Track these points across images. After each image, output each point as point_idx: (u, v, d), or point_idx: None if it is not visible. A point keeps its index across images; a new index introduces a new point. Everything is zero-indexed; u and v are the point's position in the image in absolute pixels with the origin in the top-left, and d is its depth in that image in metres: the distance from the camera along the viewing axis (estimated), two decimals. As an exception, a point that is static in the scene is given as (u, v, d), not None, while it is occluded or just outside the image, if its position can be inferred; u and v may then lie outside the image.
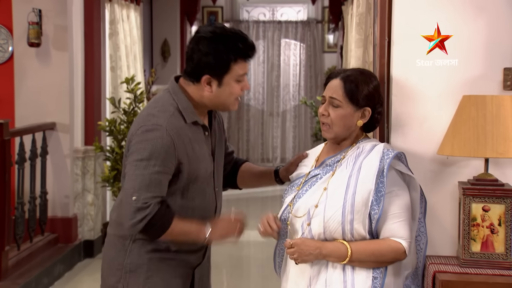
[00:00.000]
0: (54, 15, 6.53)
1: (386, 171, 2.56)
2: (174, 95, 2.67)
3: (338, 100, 2.65)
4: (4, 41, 6.64)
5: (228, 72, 2.62)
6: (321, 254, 2.58)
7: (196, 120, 2.68)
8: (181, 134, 2.62)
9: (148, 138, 2.58)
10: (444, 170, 2.92)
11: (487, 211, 2.73)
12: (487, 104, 2.69)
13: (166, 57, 10.76)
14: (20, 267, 5.77)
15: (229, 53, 2.60)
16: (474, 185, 2.74)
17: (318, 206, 2.62)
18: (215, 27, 2.65)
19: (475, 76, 2.89)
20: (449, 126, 2.78)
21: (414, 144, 2.92)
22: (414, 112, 2.92)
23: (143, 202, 2.56)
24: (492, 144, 2.66)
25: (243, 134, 12.71)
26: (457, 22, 2.89)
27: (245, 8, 12.87)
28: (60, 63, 6.57)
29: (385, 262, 2.59)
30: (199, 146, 2.69)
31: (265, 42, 12.64)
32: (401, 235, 2.57)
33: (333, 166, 2.69)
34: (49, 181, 6.51)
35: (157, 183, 2.57)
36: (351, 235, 2.57)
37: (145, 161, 2.57)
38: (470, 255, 2.75)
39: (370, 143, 2.67)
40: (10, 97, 6.59)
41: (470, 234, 2.74)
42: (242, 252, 7.38)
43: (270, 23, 12.66)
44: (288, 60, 12.68)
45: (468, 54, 2.89)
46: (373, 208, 2.54)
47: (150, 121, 2.61)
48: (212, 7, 12.35)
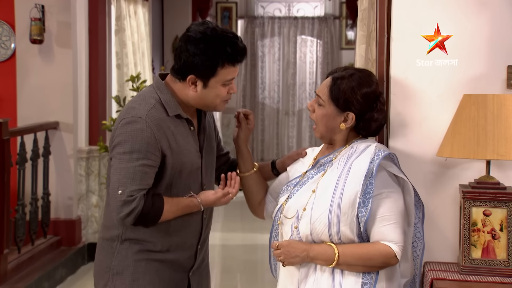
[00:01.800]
0: (58, 11, 6.54)
1: (375, 172, 2.54)
2: (157, 89, 2.72)
3: (322, 99, 2.68)
4: (6, 37, 6.67)
5: (214, 75, 2.65)
6: (308, 257, 2.58)
7: (179, 113, 2.70)
8: (162, 126, 2.65)
9: (128, 131, 2.62)
10: (445, 172, 2.90)
11: (488, 215, 2.70)
12: (488, 104, 2.65)
13: (178, 54, 10.75)
14: (20, 270, 5.79)
15: (217, 57, 2.62)
16: (474, 188, 2.71)
17: (306, 209, 2.62)
18: (206, 27, 2.66)
19: (478, 75, 2.86)
20: (449, 126, 2.75)
21: (414, 145, 2.90)
22: (414, 112, 2.90)
23: (128, 195, 2.60)
24: (493, 145, 2.62)
25: (257, 134, 12.70)
26: (458, 19, 2.86)
27: (260, 4, 12.85)
28: (64, 61, 6.58)
29: (375, 267, 2.57)
30: (184, 139, 2.71)
31: (280, 38, 12.61)
32: (391, 238, 2.55)
33: (325, 166, 2.68)
34: (52, 182, 6.53)
35: (142, 175, 2.61)
36: (338, 238, 2.56)
37: (128, 154, 2.61)
38: (470, 261, 2.72)
39: (364, 144, 2.66)
40: (12, 95, 6.62)
41: (470, 239, 2.71)
42: (256, 256, 7.38)
43: (286, 19, 12.63)
44: (304, 57, 12.64)
45: (469, 53, 2.86)
46: (360, 210, 2.52)
47: (129, 113, 2.66)
48: (226, 2, 12.37)
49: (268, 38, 12.60)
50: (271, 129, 12.75)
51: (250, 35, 12.59)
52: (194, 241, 2.82)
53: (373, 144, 2.64)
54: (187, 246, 2.80)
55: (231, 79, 2.69)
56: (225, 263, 7.25)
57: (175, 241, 2.75)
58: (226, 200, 2.73)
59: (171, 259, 2.76)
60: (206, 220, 2.85)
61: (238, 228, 8.77)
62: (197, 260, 2.86)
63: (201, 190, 2.78)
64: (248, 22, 12.59)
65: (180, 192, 2.72)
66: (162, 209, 2.65)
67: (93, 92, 7.00)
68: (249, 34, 12.58)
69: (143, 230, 2.70)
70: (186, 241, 2.79)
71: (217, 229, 8.84)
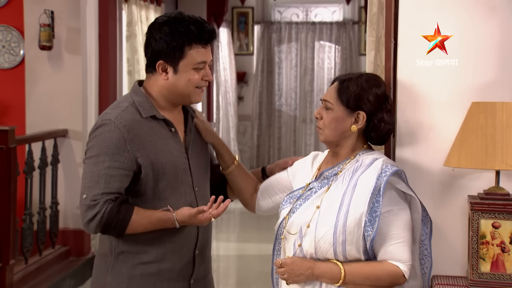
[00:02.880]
0: (67, 17, 6.57)
1: (383, 189, 2.50)
2: (132, 93, 2.71)
3: (330, 102, 2.65)
4: (15, 44, 6.70)
5: (183, 57, 2.62)
6: (313, 275, 2.55)
7: (154, 114, 2.67)
8: (134, 128, 2.62)
9: (97, 135, 2.61)
10: (454, 182, 2.85)
11: (498, 227, 2.65)
12: (497, 112, 2.61)
13: (192, 61, 10.78)
14: (27, 281, 5.79)
15: (182, 37, 2.60)
16: (483, 199, 2.66)
17: (310, 226, 2.58)
18: (171, 13, 2.67)
19: (487, 82, 2.81)
20: (456, 135, 2.71)
21: (421, 154, 2.86)
22: (421, 120, 2.86)
23: (91, 199, 2.56)
24: (501, 155, 2.58)
25: (274, 142, 12.67)
26: (466, 24, 2.82)
27: (277, 9, 12.85)
28: (73, 67, 6.61)
29: (382, 287, 2.54)
30: (162, 140, 2.68)
31: (298, 44, 12.59)
32: (400, 258, 2.52)
33: (330, 179, 2.64)
34: (60, 191, 6.54)
35: (107, 178, 2.57)
36: (343, 257, 2.53)
37: (95, 158, 2.59)
38: (479, 275, 2.67)
39: (371, 157, 2.62)
40: (21, 103, 6.65)
41: (479, 252, 2.66)
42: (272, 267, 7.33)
43: (304, 24, 12.61)
44: (322, 63, 12.61)
45: (478, 59, 2.81)
46: (366, 229, 2.49)
47: (101, 118, 2.65)
48: (242, 7, 12.37)
49: (285, 43, 12.59)
50: (288, 136, 12.72)
51: (266, 40, 12.59)
52: (191, 246, 2.75)
53: (380, 158, 2.60)
54: (183, 252, 2.74)
55: (201, 62, 2.65)
56: (241, 274, 7.23)
57: (170, 248, 2.70)
58: (203, 219, 2.63)
59: (168, 268, 2.71)
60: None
61: (254, 238, 8.74)
62: (196, 268, 2.79)
63: (193, 193, 2.74)
64: (264, 28, 12.59)
65: (170, 195, 2.68)
66: (129, 218, 2.59)
67: (103, 99, 7.00)
68: (265, 39, 12.59)
69: (135, 240, 2.66)
70: (182, 247, 2.73)
71: (233, 240, 8.84)
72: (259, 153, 12.62)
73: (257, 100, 12.54)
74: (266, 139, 12.66)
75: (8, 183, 5.44)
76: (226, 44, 11.79)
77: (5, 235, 5.44)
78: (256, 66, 12.62)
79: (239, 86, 12.64)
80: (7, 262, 5.43)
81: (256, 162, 12.61)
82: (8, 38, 6.70)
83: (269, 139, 12.67)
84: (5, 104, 6.73)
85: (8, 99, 6.71)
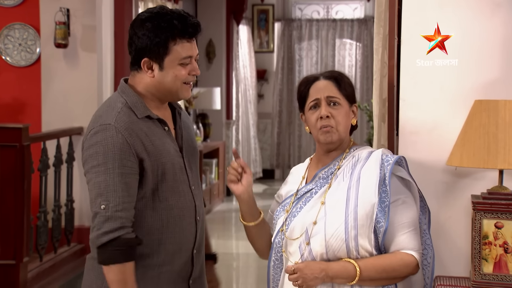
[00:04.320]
0: (83, 15, 6.60)
1: (389, 179, 2.48)
2: (122, 93, 2.63)
3: (337, 97, 2.61)
4: (32, 42, 6.75)
5: (168, 53, 2.55)
6: (328, 277, 2.49)
7: (148, 115, 2.61)
8: (134, 129, 2.54)
9: (98, 141, 2.51)
10: (458, 182, 2.83)
11: (500, 228, 2.61)
12: (499, 110, 2.57)
13: (211, 58, 10.80)
14: (41, 279, 5.82)
15: (165, 32, 2.54)
16: (486, 199, 2.63)
17: (317, 222, 2.53)
18: (153, 8, 2.61)
19: (490, 80, 2.78)
20: (459, 133, 2.68)
21: (425, 153, 2.84)
22: (424, 119, 2.84)
23: (113, 210, 2.46)
24: (504, 154, 2.54)
25: (294, 140, 12.63)
26: (470, 22, 2.79)
27: (297, 6, 12.81)
28: (88, 65, 6.63)
29: (398, 278, 2.51)
30: (160, 140, 2.61)
31: (318, 41, 12.53)
32: (412, 246, 2.50)
33: (328, 178, 2.61)
34: (76, 189, 6.55)
35: (123, 186, 2.48)
36: (356, 253, 2.48)
37: (103, 166, 2.49)
38: (482, 276, 2.64)
39: (366, 150, 2.60)
40: (37, 100, 6.69)
41: (481, 253, 2.63)
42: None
43: (324, 21, 12.55)
44: (343, 60, 12.54)
45: (482, 57, 2.79)
46: (378, 220, 2.46)
47: (97, 122, 2.55)
48: (263, 5, 12.35)
49: (306, 41, 12.55)
50: (308, 134, 12.59)
51: (287, 38, 12.56)
52: (189, 245, 2.69)
53: (377, 150, 2.59)
54: (183, 251, 2.67)
55: (187, 56, 2.57)
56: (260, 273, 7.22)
57: (170, 249, 2.63)
58: None
59: (167, 270, 2.64)
60: (200, 223, 2.72)
61: (273, 236, 8.71)
62: (195, 267, 2.73)
63: (190, 192, 2.68)
64: (285, 25, 12.56)
65: (169, 196, 2.61)
66: (131, 258, 2.48)
67: (118, 97, 7.01)
68: (286, 37, 12.56)
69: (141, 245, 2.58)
70: (182, 246, 2.66)
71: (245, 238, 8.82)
72: (279, 151, 12.59)
73: (277, 98, 12.51)
74: (286, 137, 12.63)
75: (22, 180, 5.48)
76: (246, 41, 11.78)
77: (19, 233, 5.48)
78: (276, 64, 12.59)
79: (259, 83, 12.62)
80: (21, 259, 5.48)
81: (276, 160, 12.59)
82: (24, 36, 6.75)
83: (289, 137, 12.63)
84: (22, 102, 6.78)
85: (24, 97, 6.77)
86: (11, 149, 5.47)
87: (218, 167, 10.20)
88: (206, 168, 9.66)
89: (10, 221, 5.48)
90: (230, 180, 2.70)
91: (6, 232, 5.48)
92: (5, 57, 6.76)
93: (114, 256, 2.47)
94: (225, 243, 8.35)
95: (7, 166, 5.48)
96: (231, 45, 10.98)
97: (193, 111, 9.93)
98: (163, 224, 2.60)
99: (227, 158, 10.87)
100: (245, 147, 11.72)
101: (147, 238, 2.59)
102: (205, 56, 10.80)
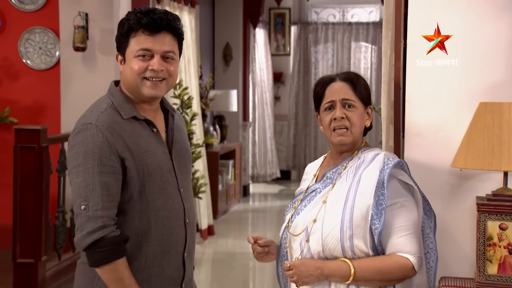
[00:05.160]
0: (101, 19, 6.60)
1: (387, 182, 2.47)
2: (109, 95, 2.61)
3: (352, 100, 2.60)
4: (51, 45, 6.78)
5: (128, 45, 2.55)
6: (323, 275, 2.51)
7: (135, 115, 2.56)
8: (117, 129, 2.50)
9: (79, 141, 2.49)
10: (463, 183, 2.80)
11: (505, 229, 2.59)
12: (503, 112, 2.55)
13: (228, 61, 10.79)
14: (60, 277, 5.84)
15: (127, 24, 2.54)
16: (490, 200, 2.60)
17: (316, 221, 2.55)
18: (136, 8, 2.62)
19: (496, 82, 2.75)
20: (464, 135, 2.66)
21: (430, 155, 2.82)
22: (430, 120, 2.82)
23: (93, 209, 2.43)
24: (508, 156, 2.52)
25: (310, 141, 12.61)
26: (476, 24, 2.77)
27: (314, 10, 12.78)
28: (106, 68, 6.63)
29: (393, 280, 2.50)
30: (145, 141, 2.57)
31: (334, 44, 12.50)
32: (409, 249, 2.48)
33: (334, 178, 2.61)
34: (94, 189, 6.55)
35: (102, 185, 2.45)
36: (352, 253, 2.49)
37: (82, 166, 2.46)
38: (486, 277, 2.61)
39: (372, 152, 2.60)
40: (56, 103, 6.72)
41: (486, 254, 2.60)
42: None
43: (340, 24, 12.52)
44: (358, 63, 12.51)
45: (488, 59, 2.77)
46: (373, 222, 2.46)
47: (80, 122, 2.55)
48: (280, 8, 12.35)
49: (322, 44, 12.52)
50: (324, 136, 12.57)
51: (303, 41, 12.54)
52: (180, 248, 2.64)
53: (381, 153, 2.57)
54: (172, 254, 2.62)
55: (143, 49, 2.52)
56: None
57: (159, 251, 2.58)
58: None
59: (158, 273, 2.59)
60: (190, 226, 2.68)
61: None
62: (187, 271, 2.69)
63: (179, 194, 2.64)
64: (301, 28, 12.54)
65: (158, 198, 2.57)
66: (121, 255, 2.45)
67: (135, 99, 7.02)
68: (302, 40, 12.54)
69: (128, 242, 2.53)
70: (170, 249, 2.61)
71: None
72: (296, 152, 12.58)
73: (293, 100, 12.49)
74: (302, 138, 12.61)
75: (40, 181, 5.51)
76: (262, 45, 11.77)
77: (38, 232, 5.51)
78: (292, 66, 12.57)
79: (276, 86, 12.61)
80: (39, 258, 5.50)
81: (292, 161, 12.58)
82: (44, 40, 6.79)
83: (305, 139, 12.61)
84: (42, 105, 6.82)
85: (44, 99, 6.80)
86: (30, 151, 5.49)
87: (235, 168, 10.19)
88: (222, 169, 9.66)
89: (29, 221, 5.51)
90: (261, 257, 2.73)
91: (25, 231, 5.51)
92: (26, 60, 6.80)
93: (103, 257, 2.44)
94: (241, 243, 8.34)
95: (26, 167, 5.50)
96: (248, 48, 10.98)
97: (210, 113, 9.93)
98: (150, 225, 2.56)
99: (243, 159, 10.88)
100: (261, 148, 11.72)
101: (135, 239, 2.55)
102: (222, 59, 10.80)
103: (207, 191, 8.24)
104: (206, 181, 8.12)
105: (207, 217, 8.21)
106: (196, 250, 3.05)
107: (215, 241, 8.20)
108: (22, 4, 6.79)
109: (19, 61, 6.82)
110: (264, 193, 11.46)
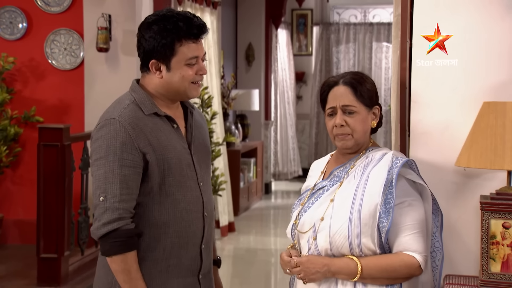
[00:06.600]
0: (124, 20, 6.63)
1: (395, 181, 2.45)
2: (131, 91, 2.65)
3: (353, 105, 2.57)
4: (76, 46, 6.83)
5: (174, 54, 2.56)
6: (330, 272, 2.49)
7: (156, 112, 2.61)
8: (139, 124, 2.54)
9: (103, 135, 2.53)
10: (468, 182, 2.77)
11: (508, 228, 2.55)
12: (507, 111, 2.51)
13: (250, 61, 10.79)
14: (82, 272, 5.88)
15: (171, 34, 2.54)
16: (493, 199, 2.57)
17: (324, 219, 2.53)
18: (160, 11, 2.61)
19: (501, 82, 2.71)
20: (468, 135, 2.62)
21: (435, 154, 2.78)
22: (435, 120, 2.78)
23: (111, 201, 2.46)
24: (511, 155, 2.48)
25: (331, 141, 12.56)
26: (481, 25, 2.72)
27: (335, 10, 12.74)
28: (128, 68, 6.66)
29: (399, 278, 2.48)
30: (166, 136, 2.61)
31: (355, 45, 12.44)
32: (415, 248, 2.46)
33: (341, 177, 2.59)
34: (116, 186, 6.58)
35: (122, 178, 2.49)
36: (359, 250, 2.46)
37: (104, 159, 2.50)
38: (489, 276, 2.58)
39: (380, 152, 2.57)
40: (80, 102, 6.77)
41: (489, 253, 2.57)
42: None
43: (361, 25, 12.46)
44: (379, 63, 12.42)
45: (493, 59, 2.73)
46: (381, 220, 2.43)
47: (103, 117, 2.58)
48: (302, 9, 12.32)
49: (343, 44, 12.47)
50: (345, 134, 12.58)
51: (325, 41, 12.50)
52: (197, 240, 2.67)
53: (389, 152, 2.55)
54: (190, 246, 2.65)
55: (193, 57, 2.58)
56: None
57: (177, 242, 2.61)
58: None
59: (175, 263, 2.63)
60: (208, 218, 2.71)
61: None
62: (204, 262, 2.72)
63: (198, 188, 2.67)
64: (323, 29, 12.50)
65: (176, 190, 2.60)
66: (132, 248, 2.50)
67: (157, 98, 7.04)
68: (324, 40, 12.50)
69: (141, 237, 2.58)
70: (188, 240, 2.64)
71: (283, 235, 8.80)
72: (317, 150, 12.54)
73: (315, 99, 12.44)
74: (323, 137, 12.57)
75: (63, 178, 5.55)
76: (285, 45, 11.75)
77: (61, 228, 5.56)
78: (314, 66, 12.54)
79: (298, 85, 12.59)
80: (62, 253, 5.55)
81: (314, 159, 12.51)
82: (69, 41, 6.84)
83: (326, 137, 12.55)
84: (67, 104, 6.87)
85: (69, 99, 6.86)
86: (53, 148, 5.54)
87: (256, 166, 10.18)
88: (244, 167, 9.65)
89: (52, 217, 5.56)
90: None
91: (48, 227, 5.56)
92: (51, 61, 6.85)
93: (114, 248, 2.49)
94: (263, 240, 8.33)
95: (49, 165, 5.55)
96: (270, 48, 10.96)
97: (232, 112, 9.93)
98: (169, 217, 2.60)
99: (265, 158, 10.87)
100: (283, 146, 11.70)
101: (154, 231, 2.59)
102: (245, 59, 10.80)
103: (228, 189, 8.24)
104: (226, 179, 8.12)
105: (227, 214, 8.21)
106: (216, 246, 3.08)
107: (235, 238, 8.20)
108: (48, 6, 6.85)
109: (45, 62, 6.88)
110: (286, 190, 11.45)
